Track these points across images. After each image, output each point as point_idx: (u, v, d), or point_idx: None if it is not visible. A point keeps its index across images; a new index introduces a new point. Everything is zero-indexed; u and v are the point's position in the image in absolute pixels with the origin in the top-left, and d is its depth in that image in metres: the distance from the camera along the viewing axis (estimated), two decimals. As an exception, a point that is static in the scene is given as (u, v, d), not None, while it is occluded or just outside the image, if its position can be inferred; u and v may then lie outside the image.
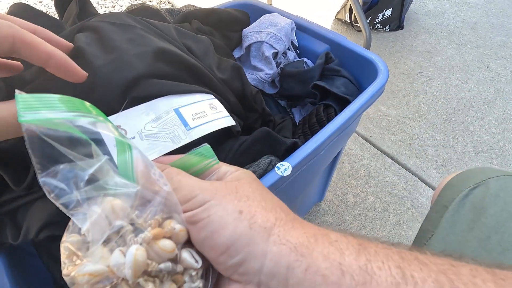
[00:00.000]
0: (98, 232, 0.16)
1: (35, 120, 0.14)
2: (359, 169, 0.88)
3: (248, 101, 0.39)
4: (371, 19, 1.29)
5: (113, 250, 0.15)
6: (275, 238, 0.17)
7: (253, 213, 0.17)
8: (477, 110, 1.02)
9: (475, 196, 0.34)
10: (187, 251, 0.17)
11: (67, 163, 0.16)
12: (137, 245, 0.15)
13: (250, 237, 0.16)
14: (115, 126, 0.18)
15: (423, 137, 0.95)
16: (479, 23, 1.38)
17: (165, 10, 0.51)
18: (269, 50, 0.52)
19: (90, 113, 0.17)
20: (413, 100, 1.06)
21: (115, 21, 0.30)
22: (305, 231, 0.17)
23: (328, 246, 0.17)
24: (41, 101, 0.15)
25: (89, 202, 0.16)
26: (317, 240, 0.17)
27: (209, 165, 0.21)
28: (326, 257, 0.16)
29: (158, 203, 0.17)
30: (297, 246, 0.16)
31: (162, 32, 0.33)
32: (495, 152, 0.91)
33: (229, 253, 0.16)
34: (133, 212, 0.17)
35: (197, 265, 0.17)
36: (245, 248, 0.16)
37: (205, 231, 0.17)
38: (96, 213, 0.16)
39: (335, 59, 0.53)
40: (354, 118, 0.41)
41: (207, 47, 0.37)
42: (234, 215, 0.17)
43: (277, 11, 0.58)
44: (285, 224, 0.17)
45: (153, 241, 0.16)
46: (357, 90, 0.51)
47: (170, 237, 0.17)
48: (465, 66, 1.18)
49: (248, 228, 0.17)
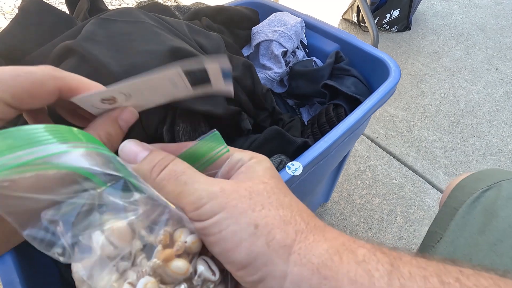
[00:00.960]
0: (105, 261, 0.14)
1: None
2: (366, 170, 0.87)
3: (259, 99, 0.38)
4: (378, 19, 1.28)
5: (124, 275, 0.14)
6: (295, 257, 0.15)
7: (270, 227, 0.16)
8: (485, 112, 1.01)
9: (486, 199, 0.33)
10: (203, 262, 0.16)
11: (49, 208, 0.14)
12: (146, 277, 0.14)
13: (268, 256, 0.15)
14: (107, 150, 0.16)
15: (430, 139, 0.94)
16: (488, 24, 1.36)
17: (174, 7, 0.51)
18: (278, 49, 0.51)
19: (79, 141, 0.15)
20: (421, 101, 1.05)
21: (128, 19, 0.30)
22: (328, 247, 0.16)
23: (355, 267, 0.15)
24: (8, 139, 0.13)
25: (88, 233, 0.14)
26: (341, 259, 0.15)
27: (220, 153, 0.19)
28: (353, 281, 0.14)
29: (166, 213, 0.16)
30: (320, 267, 0.15)
31: (174, 29, 0.33)
32: (504, 155, 0.90)
33: (247, 270, 0.15)
34: (143, 230, 0.15)
35: (214, 278, 0.16)
36: (263, 267, 0.15)
37: (218, 247, 0.16)
38: (96, 241, 0.14)
39: (345, 58, 0.52)
40: (366, 118, 0.41)
41: (219, 44, 0.37)
42: (249, 230, 0.15)
43: (286, 9, 0.58)
44: (306, 238, 0.16)
45: (164, 265, 0.15)
46: (367, 90, 0.50)
47: (182, 254, 0.16)
48: (473, 67, 1.16)
49: (265, 246, 0.15)
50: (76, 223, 0.14)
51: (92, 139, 0.16)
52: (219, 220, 0.15)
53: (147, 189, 0.16)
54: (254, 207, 0.16)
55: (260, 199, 0.16)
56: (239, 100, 0.35)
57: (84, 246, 0.14)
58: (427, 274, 0.15)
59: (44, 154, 0.13)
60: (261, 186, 0.17)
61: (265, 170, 0.18)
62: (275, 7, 0.59)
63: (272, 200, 0.17)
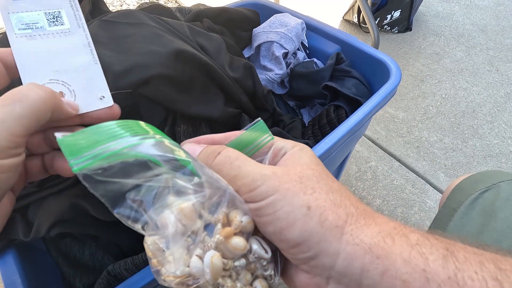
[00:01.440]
0: (174, 237, 0.16)
1: (87, 166, 0.15)
2: (366, 171, 0.87)
3: (259, 101, 0.38)
4: (379, 20, 1.28)
5: (191, 250, 0.16)
6: (348, 237, 0.16)
7: (322, 209, 0.16)
8: (486, 113, 1.01)
9: (485, 200, 0.33)
10: (256, 242, 0.17)
11: (132, 190, 0.16)
12: (212, 251, 0.16)
13: (322, 235, 0.16)
14: (172, 142, 0.18)
15: (431, 140, 0.94)
16: (489, 25, 1.36)
17: (176, 9, 0.51)
18: (279, 50, 0.51)
19: (148, 133, 0.17)
20: (421, 102, 1.05)
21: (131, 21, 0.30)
22: (380, 230, 0.16)
23: (409, 249, 0.15)
24: (93, 135, 0.15)
25: (160, 208, 0.16)
26: (394, 241, 0.15)
27: (264, 141, 0.20)
28: (407, 262, 0.14)
29: (224, 196, 0.17)
30: (372, 247, 0.15)
31: (176, 30, 0.33)
32: (505, 157, 0.90)
33: (300, 248, 0.16)
34: (203, 210, 0.17)
35: (267, 255, 0.17)
36: (317, 245, 0.16)
37: (272, 227, 0.16)
38: (169, 219, 0.16)
39: (346, 59, 0.52)
40: (367, 119, 0.41)
41: (220, 45, 0.37)
42: (303, 211, 0.16)
43: (287, 11, 0.58)
44: (356, 220, 0.16)
45: (225, 241, 0.16)
46: (368, 92, 0.50)
47: (238, 233, 0.17)
48: (474, 68, 1.16)
49: (319, 225, 0.16)
50: (154, 202, 0.16)
51: (157, 130, 0.18)
52: (273, 201, 0.16)
53: (208, 172, 0.17)
54: (305, 190, 0.17)
55: (310, 183, 0.17)
56: (240, 101, 0.35)
57: (159, 222, 0.16)
58: (483, 259, 0.14)
59: (124, 146, 0.15)
60: (309, 171, 0.18)
61: (310, 157, 0.19)
62: (276, 8, 0.59)
63: (322, 185, 0.17)
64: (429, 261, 0.14)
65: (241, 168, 0.18)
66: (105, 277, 0.30)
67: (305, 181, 0.17)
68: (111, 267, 0.30)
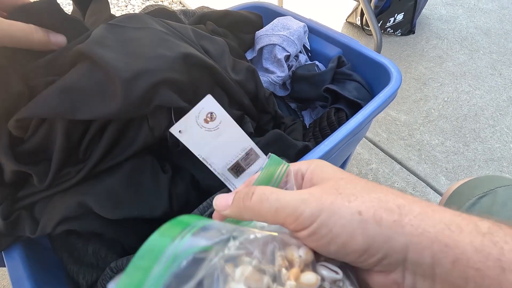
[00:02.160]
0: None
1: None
2: (367, 173, 0.87)
3: (261, 103, 0.39)
4: (382, 23, 1.28)
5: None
6: (409, 228, 0.15)
7: (373, 209, 0.16)
8: (488, 117, 1.01)
9: (482, 205, 0.34)
10: (323, 268, 0.17)
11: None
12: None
13: (384, 234, 0.15)
14: (205, 219, 0.17)
15: (432, 143, 0.94)
16: (493, 29, 1.36)
17: (180, 11, 0.52)
18: (281, 53, 0.52)
19: (180, 232, 0.16)
20: (424, 105, 1.05)
21: (137, 25, 0.31)
22: (441, 217, 0.15)
23: (480, 238, 0.14)
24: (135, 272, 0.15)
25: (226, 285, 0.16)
26: (461, 229, 0.15)
27: (283, 170, 0.21)
28: (480, 250, 0.14)
29: (272, 242, 0.17)
30: (438, 235, 0.15)
31: (181, 34, 0.34)
32: (507, 161, 0.89)
33: (368, 253, 0.16)
34: (263, 265, 0.16)
35: (339, 276, 0.17)
36: (383, 245, 0.15)
37: (334, 245, 0.16)
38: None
39: (347, 63, 0.53)
40: (366, 122, 0.41)
41: (223, 48, 0.37)
42: (356, 218, 0.16)
43: (290, 14, 0.58)
44: (410, 210, 0.16)
45: (297, 283, 0.16)
46: (369, 95, 0.51)
47: (304, 267, 0.17)
48: (477, 72, 1.16)
49: (377, 226, 0.15)
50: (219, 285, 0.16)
51: (190, 218, 0.17)
52: (324, 221, 0.16)
53: (248, 229, 0.17)
54: (348, 198, 0.17)
55: (348, 191, 0.17)
56: (242, 103, 0.36)
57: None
58: None
59: (167, 261, 0.15)
60: (341, 181, 0.18)
61: (332, 168, 0.19)
62: (279, 11, 0.60)
63: (359, 189, 0.17)
64: (504, 250, 0.14)
65: (280, 200, 0.17)
66: (108, 274, 0.31)
67: (342, 190, 0.17)
68: (114, 264, 0.31)
